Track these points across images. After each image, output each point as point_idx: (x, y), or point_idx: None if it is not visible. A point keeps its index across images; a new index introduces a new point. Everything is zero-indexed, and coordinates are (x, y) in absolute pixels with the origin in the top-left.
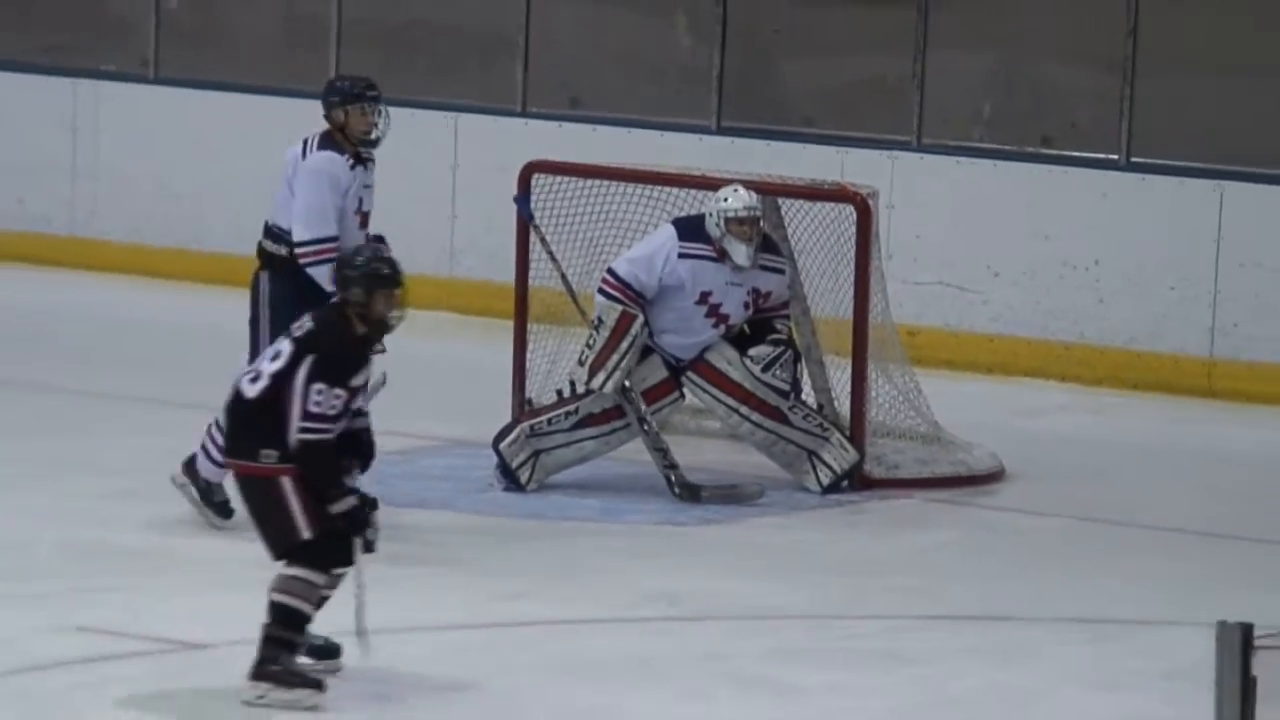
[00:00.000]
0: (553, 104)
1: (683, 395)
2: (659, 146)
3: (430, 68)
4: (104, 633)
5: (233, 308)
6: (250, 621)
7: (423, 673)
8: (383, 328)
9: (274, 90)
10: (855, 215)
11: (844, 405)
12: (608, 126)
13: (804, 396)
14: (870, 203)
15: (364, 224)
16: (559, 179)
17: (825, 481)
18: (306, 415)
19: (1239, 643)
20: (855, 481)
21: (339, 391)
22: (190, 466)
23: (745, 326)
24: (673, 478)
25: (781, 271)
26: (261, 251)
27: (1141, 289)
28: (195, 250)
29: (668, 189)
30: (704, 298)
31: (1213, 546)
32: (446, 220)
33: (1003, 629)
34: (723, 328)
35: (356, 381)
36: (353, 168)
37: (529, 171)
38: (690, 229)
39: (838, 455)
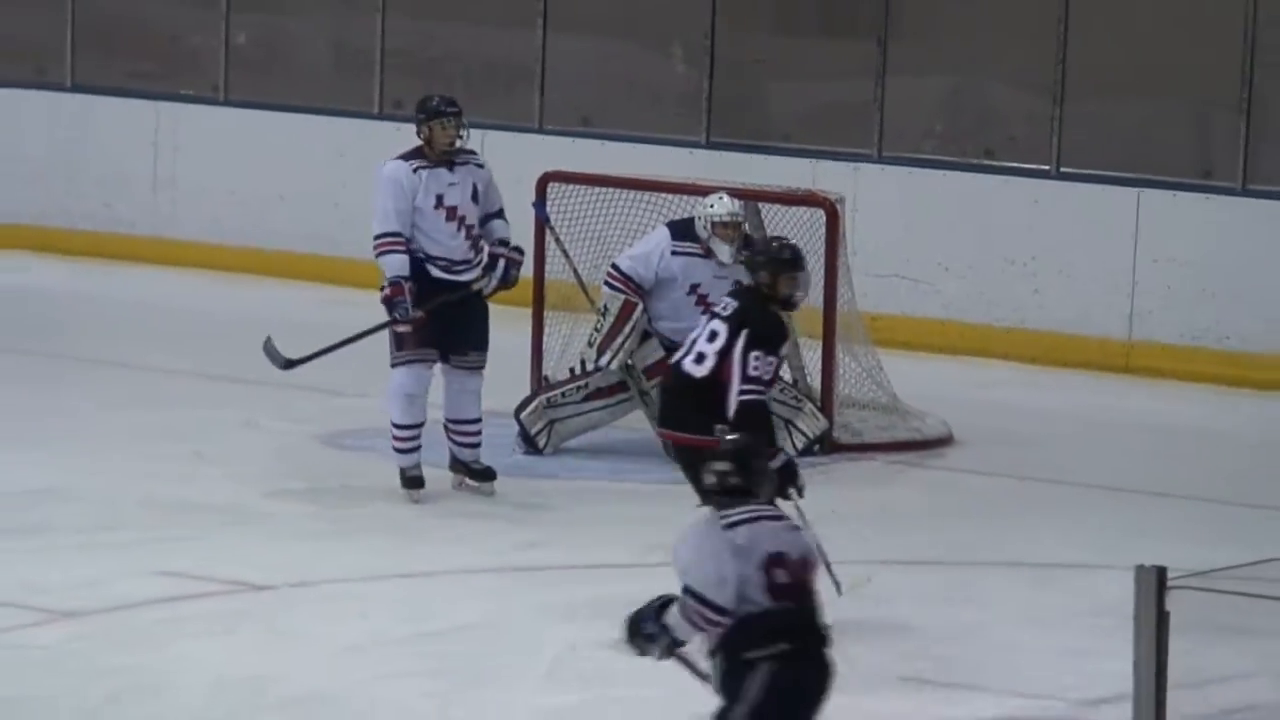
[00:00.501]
0: (566, 123)
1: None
2: (657, 159)
3: (460, 92)
4: (182, 576)
5: (292, 297)
6: (308, 567)
7: (453, 610)
8: (789, 305)
9: (326, 111)
10: (825, 218)
11: (815, 380)
12: (613, 142)
13: (781, 373)
14: (838, 207)
15: (450, 217)
16: (571, 187)
17: (799, 446)
18: (746, 379)
19: (1154, 584)
20: (825, 446)
21: (772, 358)
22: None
23: None
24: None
25: None
26: None
27: (1070, 281)
28: (259, 248)
29: (664, 195)
30: (693, 289)
31: (1132, 501)
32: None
33: (953, 572)
34: (710, 314)
35: (783, 351)
36: (415, 171)
37: (545, 181)
38: (681, 230)
39: (810, 423)
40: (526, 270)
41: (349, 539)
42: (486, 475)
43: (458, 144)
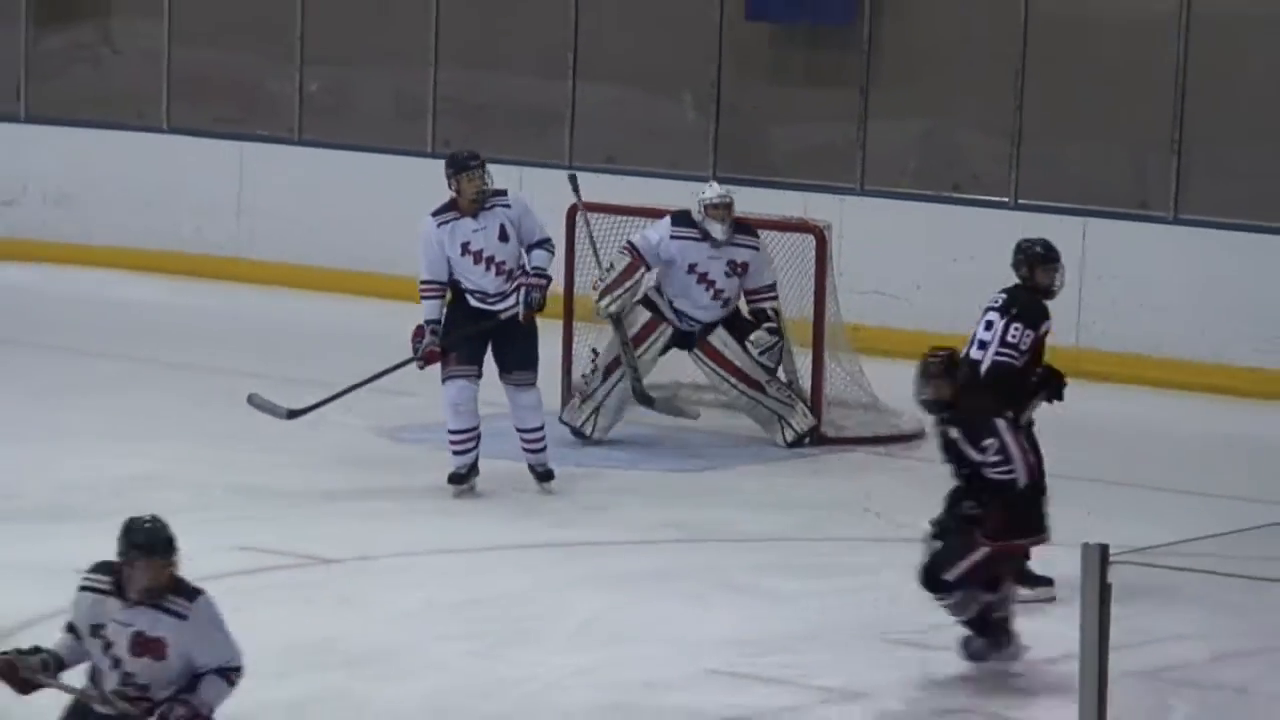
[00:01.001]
0: (592, 160)
1: (666, 328)
2: (670, 191)
3: (500, 133)
4: (261, 551)
5: (355, 310)
6: (370, 543)
7: (495, 580)
8: (1049, 293)
9: (386, 150)
10: (815, 243)
11: (806, 382)
12: (633, 177)
13: (779, 374)
14: (826, 233)
15: (478, 260)
16: (596, 215)
17: (790, 439)
18: (1004, 343)
19: (1098, 559)
20: (814, 439)
21: (1030, 331)
22: None
23: (747, 314)
24: (637, 388)
25: (755, 248)
26: None
27: None
28: (327, 268)
29: None
30: (692, 268)
31: (1079, 487)
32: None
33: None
34: (712, 292)
35: (1044, 330)
36: (441, 226)
37: (574, 211)
38: (681, 219)
39: (800, 420)
40: (557, 285)
41: (406, 519)
42: (543, 476)
43: (485, 189)
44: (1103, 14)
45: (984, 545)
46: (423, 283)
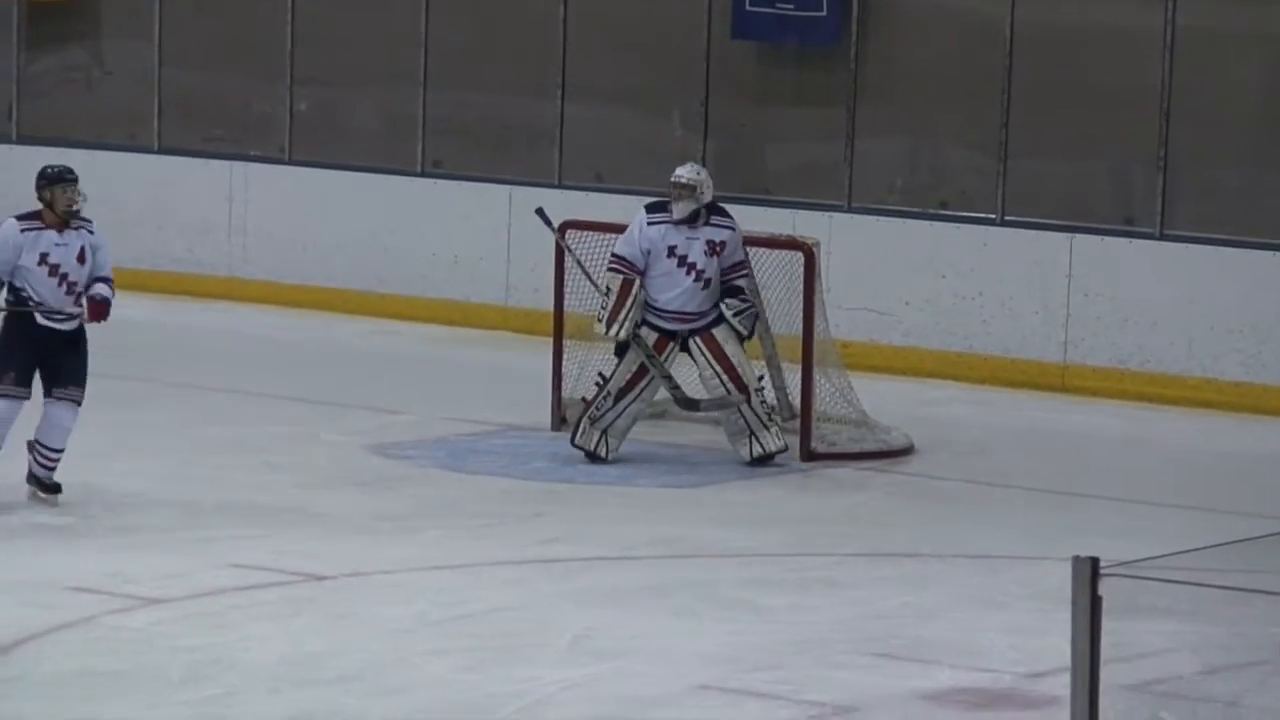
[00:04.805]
0: (581, 179)
1: (677, 346)
2: None
3: (491, 152)
4: (252, 568)
5: (346, 328)
6: (361, 559)
7: (486, 596)
8: None
9: (376, 169)
10: (803, 259)
11: (796, 398)
12: (622, 195)
13: (764, 389)
14: (814, 250)
15: (53, 274)
16: (586, 233)
17: (754, 455)
18: None
19: (1088, 572)
20: (772, 460)
21: None
22: None
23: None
24: (677, 396)
25: (731, 229)
26: None
27: (1013, 313)
28: (319, 286)
29: None
30: (672, 251)
31: (1068, 501)
32: (503, 264)
33: (914, 563)
34: (694, 274)
35: None
36: (24, 231)
37: (564, 228)
38: (656, 207)
39: (771, 440)
40: (547, 303)
41: (397, 536)
42: (51, 489)
43: (75, 206)
44: (1088, 31)
45: None
46: None
